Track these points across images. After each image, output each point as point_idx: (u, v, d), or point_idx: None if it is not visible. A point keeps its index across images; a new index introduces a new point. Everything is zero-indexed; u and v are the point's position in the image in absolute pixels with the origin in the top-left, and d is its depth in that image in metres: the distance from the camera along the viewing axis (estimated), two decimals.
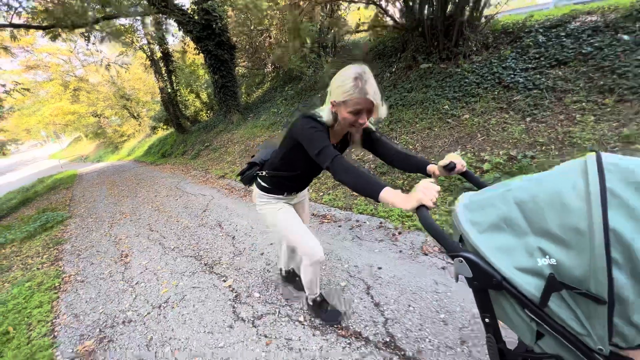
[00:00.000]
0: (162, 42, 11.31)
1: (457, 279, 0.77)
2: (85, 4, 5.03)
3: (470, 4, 4.44)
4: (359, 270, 2.26)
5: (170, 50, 11.96)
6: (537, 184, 0.63)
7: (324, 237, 2.84)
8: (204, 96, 15.01)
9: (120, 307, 2.37)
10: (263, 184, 1.54)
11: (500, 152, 2.98)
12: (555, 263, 0.58)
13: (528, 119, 3.17)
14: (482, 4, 4.38)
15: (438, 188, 0.84)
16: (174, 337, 1.95)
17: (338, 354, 1.59)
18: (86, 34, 6.64)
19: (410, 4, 4.82)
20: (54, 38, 6.63)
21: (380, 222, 2.88)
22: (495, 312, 0.75)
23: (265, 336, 1.81)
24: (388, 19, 5.55)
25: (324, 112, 1.20)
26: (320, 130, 1.14)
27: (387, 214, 2.95)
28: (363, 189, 0.96)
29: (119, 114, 23.53)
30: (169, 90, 11.92)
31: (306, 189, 1.73)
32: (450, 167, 1.09)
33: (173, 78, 12.97)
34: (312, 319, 1.86)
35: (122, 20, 8.83)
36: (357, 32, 7.18)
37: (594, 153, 0.57)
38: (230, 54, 8.76)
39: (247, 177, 1.60)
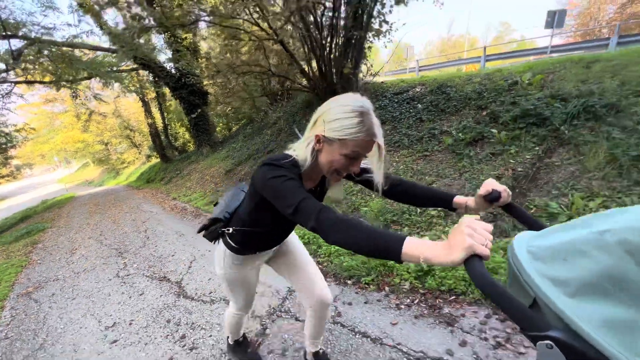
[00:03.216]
0: (157, 86, 13.47)
1: None
2: (76, 68, 6.98)
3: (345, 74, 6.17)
4: (200, 251, 3.72)
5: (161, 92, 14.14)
6: None
7: (180, 224, 4.33)
8: None
9: (55, 274, 3.84)
10: (231, 243, 1.21)
11: None
12: None
13: None
14: (350, 77, 6.11)
15: (490, 227, 0.57)
16: (77, 285, 3.40)
17: (154, 287, 3.02)
18: (73, 94, 8.65)
19: (309, 73, 6.59)
20: (58, 88, 8.62)
21: None
22: None
23: (124, 282, 3.25)
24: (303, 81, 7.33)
25: (300, 149, 0.92)
26: (289, 178, 0.82)
27: None
28: (376, 248, 0.64)
29: (122, 143, 25.91)
30: (157, 125, 13.88)
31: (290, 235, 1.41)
32: (493, 198, 0.83)
33: (165, 114, 15.09)
34: (155, 273, 3.31)
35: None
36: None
37: None
38: (202, 99, 10.68)
39: (212, 235, 1.24)
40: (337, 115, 0.83)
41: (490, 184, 0.85)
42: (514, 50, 14.16)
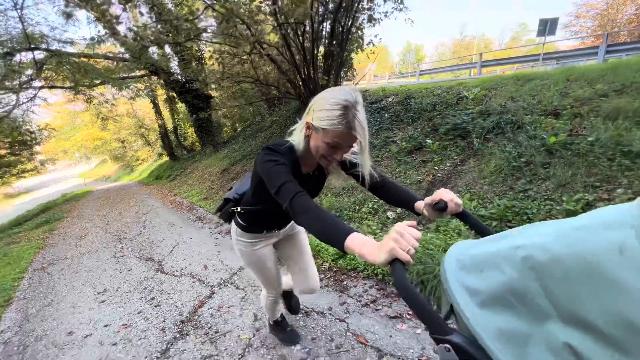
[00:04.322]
0: (167, 89, 14.40)
1: None
2: (91, 77, 7.87)
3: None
4: (183, 238, 4.40)
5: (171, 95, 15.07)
6: (559, 239, 0.42)
7: (173, 216, 5.02)
8: None
9: (65, 255, 4.61)
10: (240, 221, 1.38)
11: None
12: None
13: None
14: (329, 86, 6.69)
15: (418, 234, 0.61)
16: (81, 263, 4.14)
17: (140, 265, 3.71)
18: (87, 99, 9.62)
19: (295, 83, 7.21)
20: (76, 93, 9.57)
21: (220, 220, 5.03)
22: None
23: (118, 261, 3.97)
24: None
25: (295, 135, 1.03)
26: (280, 163, 0.91)
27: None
28: (327, 236, 0.73)
29: (137, 141, 27.32)
30: (166, 126, 14.82)
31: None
32: (439, 207, 0.88)
33: (175, 115, 16.04)
34: (143, 255, 4.00)
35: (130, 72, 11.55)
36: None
37: None
38: (205, 103, 11.46)
39: (225, 214, 1.43)
40: (324, 105, 0.89)
41: (439, 194, 0.90)
42: (508, 57, 14.36)
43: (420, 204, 0.98)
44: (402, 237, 0.59)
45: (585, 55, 10.30)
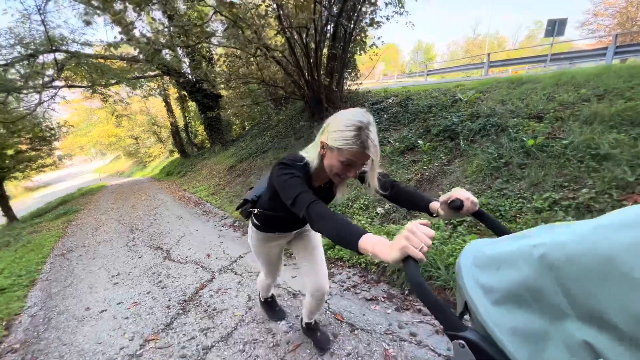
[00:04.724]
0: (179, 88, 14.87)
1: None
2: (107, 77, 8.31)
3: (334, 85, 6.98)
4: (190, 230, 4.72)
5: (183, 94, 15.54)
6: (578, 238, 0.42)
7: (182, 210, 5.35)
8: None
9: (82, 243, 4.99)
10: (256, 221, 1.48)
11: None
12: None
13: None
14: (335, 91, 6.92)
15: (431, 232, 0.63)
16: (97, 250, 4.50)
17: (150, 253, 4.04)
18: (103, 98, 10.10)
19: (300, 84, 7.46)
20: (93, 92, 10.05)
21: (224, 214, 5.34)
22: None
23: (130, 250, 4.31)
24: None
25: (310, 152, 1.09)
26: (295, 176, 0.97)
27: (228, 211, 5.41)
28: (342, 239, 0.77)
29: (150, 138, 28.13)
30: (178, 124, 15.31)
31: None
32: (455, 206, 0.88)
33: (186, 114, 16.52)
34: (153, 244, 4.34)
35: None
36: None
37: None
38: (215, 102, 11.82)
39: (244, 212, 1.51)
40: (338, 127, 0.95)
41: (455, 193, 0.91)
42: (520, 56, 14.26)
43: (434, 205, 1.00)
44: (415, 235, 0.61)
45: (599, 55, 10.21)
